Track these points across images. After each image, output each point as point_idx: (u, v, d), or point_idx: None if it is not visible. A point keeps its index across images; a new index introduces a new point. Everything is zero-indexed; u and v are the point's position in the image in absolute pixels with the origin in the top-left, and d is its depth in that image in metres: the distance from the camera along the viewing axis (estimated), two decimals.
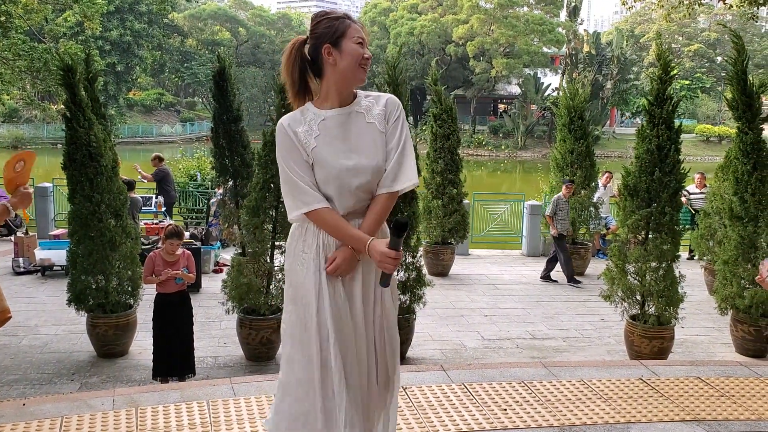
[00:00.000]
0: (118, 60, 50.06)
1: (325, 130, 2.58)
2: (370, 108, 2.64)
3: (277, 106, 7.10)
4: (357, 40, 2.56)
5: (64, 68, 6.88)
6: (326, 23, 2.56)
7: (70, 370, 6.72)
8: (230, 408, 3.54)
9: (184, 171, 15.26)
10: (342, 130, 2.59)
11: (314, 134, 2.57)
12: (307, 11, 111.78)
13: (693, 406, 3.75)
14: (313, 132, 2.57)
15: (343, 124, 2.60)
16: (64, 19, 33.52)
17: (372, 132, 2.61)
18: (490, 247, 14.27)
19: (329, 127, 2.59)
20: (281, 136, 2.62)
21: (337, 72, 2.56)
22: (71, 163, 6.89)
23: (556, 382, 4.03)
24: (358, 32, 2.57)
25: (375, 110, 2.63)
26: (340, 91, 2.60)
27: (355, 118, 2.62)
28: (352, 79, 2.58)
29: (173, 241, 6.18)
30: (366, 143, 2.59)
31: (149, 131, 56.03)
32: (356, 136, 2.60)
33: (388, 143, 2.62)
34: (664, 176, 6.85)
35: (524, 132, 53.16)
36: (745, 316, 7.42)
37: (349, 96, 2.63)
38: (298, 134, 2.58)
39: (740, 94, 7.44)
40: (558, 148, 12.22)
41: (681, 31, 69.27)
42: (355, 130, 2.60)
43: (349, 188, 2.56)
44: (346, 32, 2.55)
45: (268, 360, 7.09)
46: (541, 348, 7.76)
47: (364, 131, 2.61)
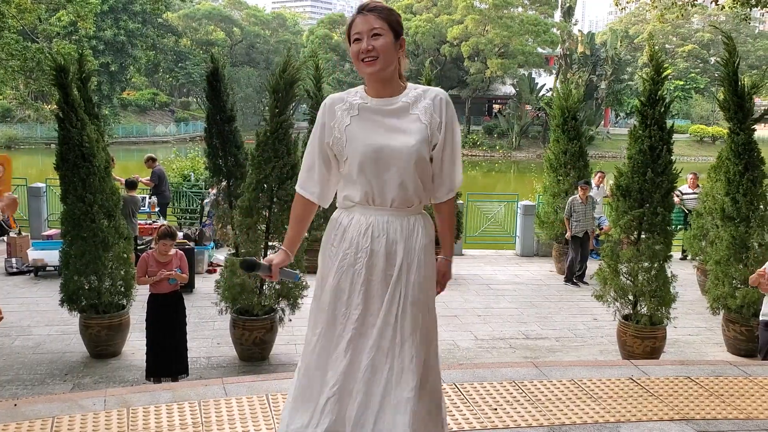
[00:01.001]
0: (112, 60, 49.91)
1: (364, 111, 2.61)
2: (417, 100, 2.62)
3: (271, 106, 7.12)
4: (354, 37, 2.57)
5: (57, 68, 6.87)
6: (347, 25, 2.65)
7: (63, 371, 6.72)
8: (222, 408, 3.55)
9: (177, 171, 15.23)
10: (381, 116, 2.60)
11: (352, 113, 2.60)
12: (302, 11, 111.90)
13: (682, 405, 3.77)
14: (352, 111, 2.61)
15: (383, 111, 2.61)
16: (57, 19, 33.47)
17: (412, 122, 2.59)
18: (483, 248, 14.29)
19: (369, 110, 2.61)
20: (320, 111, 2.70)
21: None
22: (64, 163, 6.88)
23: (546, 381, 4.04)
24: (357, 28, 2.57)
25: (421, 103, 2.61)
26: (373, 83, 2.62)
27: (399, 110, 2.61)
28: (363, 74, 2.60)
29: (166, 241, 6.18)
30: (402, 130, 2.58)
31: (143, 131, 55.89)
32: (394, 123, 2.59)
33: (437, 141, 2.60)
34: (657, 177, 6.88)
35: (519, 132, 53.23)
36: (736, 316, 7.46)
37: (391, 86, 2.62)
38: (335, 111, 2.63)
39: (731, 95, 7.48)
40: (551, 149, 12.25)
41: (675, 32, 69.46)
42: (395, 118, 2.60)
43: (376, 170, 2.54)
44: (350, 34, 2.60)
45: (261, 360, 7.10)
46: (534, 348, 7.78)
47: (404, 120, 2.59)
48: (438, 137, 2.61)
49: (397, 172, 2.54)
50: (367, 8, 2.58)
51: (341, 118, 2.60)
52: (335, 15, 73.65)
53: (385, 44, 2.53)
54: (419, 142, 2.56)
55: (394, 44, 2.57)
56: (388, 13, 2.58)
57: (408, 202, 2.59)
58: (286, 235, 2.84)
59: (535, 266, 12.34)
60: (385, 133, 2.57)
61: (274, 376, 4.19)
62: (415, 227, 2.61)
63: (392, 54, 2.56)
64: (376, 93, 2.63)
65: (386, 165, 2.54)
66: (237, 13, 67.85)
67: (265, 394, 3.71)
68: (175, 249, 6.36)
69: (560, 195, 11.78)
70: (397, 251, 2.57)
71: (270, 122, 7.03)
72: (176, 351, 6.25)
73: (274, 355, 7.22)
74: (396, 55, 2.58)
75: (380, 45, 2.53)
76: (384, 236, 2.57)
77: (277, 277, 2.70)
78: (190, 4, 64.79)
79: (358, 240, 2.58)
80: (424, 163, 2.59)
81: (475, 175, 42.89)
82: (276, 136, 6.97)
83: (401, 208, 2.59)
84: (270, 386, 3.82)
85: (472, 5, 52.16)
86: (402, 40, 2.61)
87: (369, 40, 2.52)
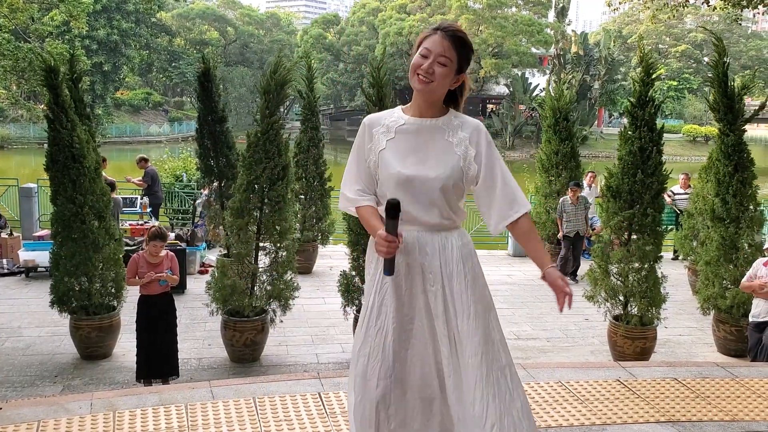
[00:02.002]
0: (105, 59, 49.75)
1: (401, 134, 2.61)
2: (456, 129, 2.62)
3: (261, 107, 7.12)
4: (423, 51, 2.55)
5: (47, 69, 6.85)
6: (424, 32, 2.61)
7: (53, 373, 6.70)
8: (208, 411, 3.54)
9: (170, 171, 15.20)
10: (417, 139, 2.60)
11: (389, 136, 2.60)
12: (296, 11, 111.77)
13: (668, 407, 3.78)
14: (389, 134, 2.61)
15: (421, 133, 2.60)
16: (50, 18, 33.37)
17: (447, 150, 2.60)
18: (476, 248, 14.24)
19: (406, 132, 2.61)
20: (360, 131, 2.70)
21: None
22: (54, 164, 6.87)
23: (534, 383, 4.05)
24: (429, 43, 2.54)
25: (459, 133, 2.61)
26: (418, 99, 2.61)
27: (434, 132, 2.61)
28: (413, 85, 2.58)
29: (156, 242, 6.16)
30: (435, 158, 2.58)
31: (137, 131, 55.76)
32: (429, 149, 2.59)
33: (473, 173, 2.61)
34: (647, 178, 6.90)
35: (512, 132, 53.31)
36: (726, 316, 7.48)
37: (433, 108, 2.62)
38: (374, 133, 2.64)
39: (721, 96, 7.50)
40: (543, 149, 12.27)
41: (668, 32, 69.62)
42: (432, 143, 2.60)
43: (405, 195, 2.54)
44: (421, 43, 2.57)
45: (252, 362, 7.09)
46: (525, 348, 7.79)
47: (439, 147, 2.60)
48: (474, 169, 2.62)
49: (427, 198, 2.57)
50: (449, 32, 2.56)
51: (378, 142, 2.62)
52: (329, 15, 73.69)
53: (444, 74, 2.54)
54: (450, 173, 2.57)
55: (453, 77, 2.58)
56: (463, 47, 2.58)
57: (437, 223, 2.61)
58: (537, 259, 2.70)
59: (527, 266, 12.34)
60: (418, 161, 2.58)
61: (261, 379, 4.18)
62: (449, 240, 2.62)
63: (446, 84, 2.57)
64: (417, 112, 2.64)
65: (416, 192, 2.56)
66: (231, 12, 67.73)
67: (252, 397, 3.71)
68: (165, 250, 6.34)
69: (552, 195, 11.82)
70: (432, 265, 2.58)
71: (261, 123, 7.03)
72: (166, 353, 6.23)
73: (265, 357, 7.22)
74: (448, 86, 2.59)
75: (440, 73, 2.53)
76: (416, 251, 2.58)
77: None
78: (184, 4, 64.67)
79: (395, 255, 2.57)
80: (452, 190, 2.60)
81: None
82: (267, 137, 6.97)
83: (432, 226, 2.61)
84: (257, 389, 3.82)
85: (466, 5, 52.24)
86: (463, 75, 2.62)
87: (433, 63, 2.52)
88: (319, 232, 11.16)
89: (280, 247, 7.13)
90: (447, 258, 2.60)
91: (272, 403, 3.65)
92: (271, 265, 7.11)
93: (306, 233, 10.93)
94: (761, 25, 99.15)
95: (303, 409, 3.64)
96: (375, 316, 2.61)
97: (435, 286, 2.58)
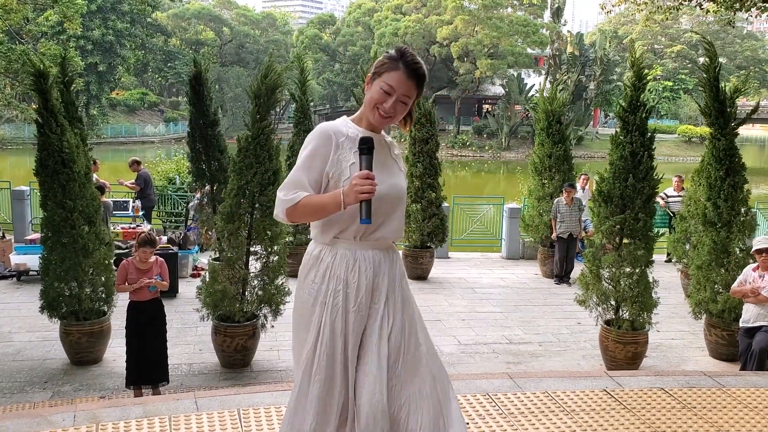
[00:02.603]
0: (100, 60, 49.61)
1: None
2: (391, 146, 2.75)
3: (252, 112, 7.10)
4: (386, 88, 2.55)
5: (36, 73, 6.81)
6: (383, 58, 2.62)
7: (43, 378, 6.67)
8: (192, 424, 3.52)
9: (162, 174, 15.15)
10: (378, 156, 2.61)
11: (355, 150, 2.56)
12: (292, 11, 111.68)
13: (654, 419, 3.77)
14: (354, 147, 2.56)
15: (379, 149, 2.62)
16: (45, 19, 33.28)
17: (396, 166, 2.73)
18: (470, 250, 14.30)
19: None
20: (323, 137, 2.60)
21: (365, 102, 2.63)
22: (43, 169, 6.84)
23: (520, 394, 4.04)
24: (393, 80, 2.54)
25: (395, 150, 2.76)
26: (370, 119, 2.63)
27: (384, 148, 2.69)
28: (371, 119, 2.61)
29: (146, 249, 6.11)
30: (395, 173, 2.70)
31: (132, 131, 55.66)
32: (387, 165, 2.68)
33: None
34: (638, 182, 6.90)
35: (508, 133, 53.34)
36: (718, 320, 7.49)
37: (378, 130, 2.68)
38: (340, 144, 2.59)
39: (713, 100, 7.50)
40: (536, 152, 12.27)
41: (664, 33, 69.76)
42: (385, 159, 2.68)
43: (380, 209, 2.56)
44: (384, 74, 2.57)
45: (243, 367, 7.07)
46: (517, 353, 7.78)
47: (391, 162, 2.71)
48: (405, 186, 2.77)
49: (398, 211, 2.65)
50: (412, 69, 2.57)
51: (346, 154, 2.57)
52: (325, 15, 73.62)
53: (403, 110, 2.63)
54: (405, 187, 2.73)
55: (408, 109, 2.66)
56: (423, 83, 2.63)
57: (395, 238, 2.69)
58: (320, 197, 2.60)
59: (520, 269, 12.35)
60: (387, 173, 2.63)
61: (247, 390, 4.17)
62: (395, 260, 2.71)
63: (401, 117, 2.65)
64: (369, 127, 2.66)
65: (391, 204, 2.61)
66: (227, 12, 67.59)
67: (236, 408, 3.69)
68: (155, 256, 6.30)
69: (545, 198, 11.82)
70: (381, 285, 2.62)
71: (251, 128, 7.00)
72: (156, 359, 6.18)
73: (256, 362, 7.19)
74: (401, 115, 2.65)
75: (400, 110, 2.61)
76: (371, 269, 2.59)
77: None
78: (180, 4, 64.54)
79: (346, 276, 2.58)
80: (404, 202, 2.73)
81: (464, 175, 42.95)
82: (257, 141, 6.95)
83: (385, 242, 2.65)
84: (242, 400, 3.80)
85: (461, 6, 52.20)
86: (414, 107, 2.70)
87: (396, 103, 2.57)
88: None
89: (271, 251, 7.11)
90: (393, 275, 2.67)
91: (257, 414, 3.63)
92: (263, 269, 7.09)
93: (299, 236, 10.92)
94: (756, 25, 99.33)
95: None
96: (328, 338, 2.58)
97: (378, 303, 2.61)
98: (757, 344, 6.25)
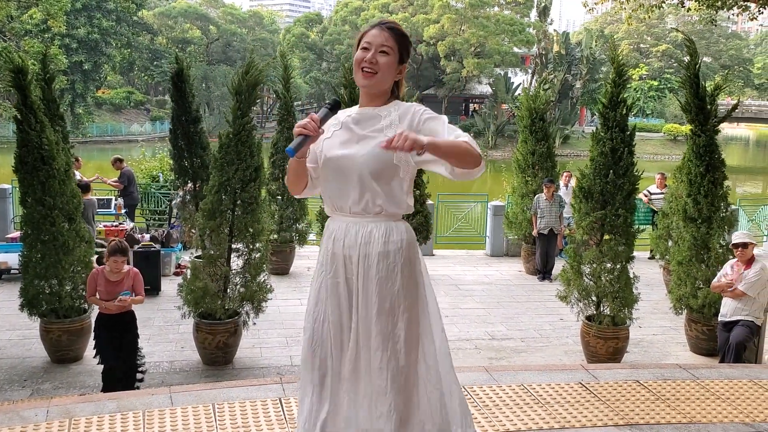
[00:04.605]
0: (85, 58, 49.20)
1: (346, 123, 2.66)
2: (391, 113, 2.64)
3: (233, 108, 7.08)
4: (363, 45, 2.61)
5: (15, 70, 6.76)
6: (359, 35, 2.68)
7: (22, 377, 6.63)
8: (166, 418, 3.50)
9: (146, 172, 15.08)
10: (359, 125, 2.64)
11: (336, 128, 2.65)
12: (279, 9, 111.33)
13: (628, 410, 3.79)
14: (337, 125, 2.65)
15: (363, 121, 2.64)
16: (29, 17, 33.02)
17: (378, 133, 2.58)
18: (454, 248, 14.32)
19: (351, 120, 2.66)
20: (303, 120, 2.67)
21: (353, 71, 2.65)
22: (23, 166, 6.80)
23: (496, 387, 4.05)
24: (369, 37, 2.61)
25: (392, 114, 2.62)
26: (364, 94, 2.67)
27: (372, 119, 2.64)
28: (357, 82, 2.64)
29: (117, 258, 5.78)
30: (365, 141, 2.59)
31: (118, 130, 55.31)
32: (366, 132, 2.62)
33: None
34: (618, 179, 6.94)
35: (495, 131, 53.45)
36: (698, 315, 7.54)
37: (378, 99, 2.66)
38: (327, 126, 2.66)
39: (693, 97, 7.56)
40: (520, 150, 12.31)
41: (649, 32, 70.05)
42: (369, 127, 2.63)
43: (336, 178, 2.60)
44: (360, 40, 2.63)
45: (225, 364, 7.05)
46: (499, 349, 7.81)
47: (377, 129, 2.61)
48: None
49: (355, 181, 2.57)
50: (386, 24, 2.65)
51: (327, 130, 2.65)
52: (312, 14, 73.46)
53: (388, 63, 2.59)
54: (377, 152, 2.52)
55: (396, 66, 2.64)
56: (402, 37, 2.65)
57: (366, 210, 2.60)
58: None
59: (504, 266, 12.38)
60: (351, 145, 2.61)
61: (222, 384, 4.16)
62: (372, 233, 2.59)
63: (391, 74, 2.62)
64: (366, 103, 2.69)
65: (344, 175, 2.59)
66: (213, 11, 67.31)
67: (211, 403, 3.68)
68: (129, 266, 6.00)
69: (528, 195, 11.85)
70: (352, 256, 2.60)
71: (233, 124, 6.98)
72: (126, 373, 5.95)
73: (238, 359, 7.18)
74: (393, 77, 2.64)
75: (383, 62, 2.58)
76: (341, 241, 2.62)
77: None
78: (166, 2, 64.22)
79: (326, 244, 2.68)
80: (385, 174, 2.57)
81: None
82: (239, 138, 6.93)
83: (360, 214, 2.61)
84: (217, 395, 3.79)
85: (448, 5, 52.27)
86: (404, 66, 2.68)
87: (376, 54, 2.58)
88: (297, 233, 11.12)
89: (253, 248, 7.09)
90: (367, 252, 2.60)
91: (231, 409, 3.62)
92: (244, 266, 7.07)
93: (283, 234, 10.89)
94: (740, 25, 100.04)
95: (262, 415, 3.62)
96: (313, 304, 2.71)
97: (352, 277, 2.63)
98: (734, 338, 6.31)
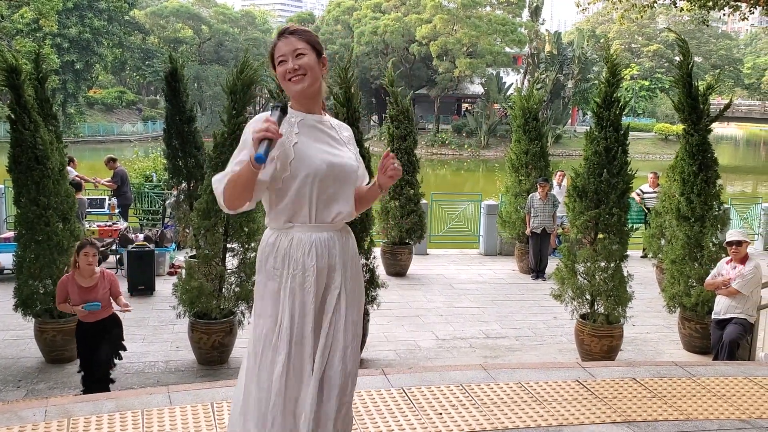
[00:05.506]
0: (77, 58, 49.06)
1: (305, 128, 2.65)
2: (339, 128, 2.76)
3: (228, 108, 7.07)
4: (279, 60, 2.63)
5: (8, 69, 6.73)
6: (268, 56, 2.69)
7: (17, 377, 6.60)
8: (164, 417, 3.50)
9: (139, 172, 15.05)
10: (320, 132, 2.67)
11: (295, 131, 2.62)
12: (271, 9, 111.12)
13: (625, 408, 3.82)
14: (294, 129, 2.62)
15: (320, 128, 2.68)
16: (20, 16, 32.91)
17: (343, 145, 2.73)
18: (448, 247, 14.34)
19: (309, 126, 2.66)
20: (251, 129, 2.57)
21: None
22: (16, 165, 6.77)
23: (494, 385, 4.07)
24: (280, 51, 2.62)
25: (343, 132, 2.77)
26: (300, 99, 2.67)
27: (327, 128, 2.71)
28: (291, 93, 2.65)
29: (87, 250, 5.54)
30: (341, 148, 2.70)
31: (110, 130, 55.15)
32: (334, 142, 2.70)
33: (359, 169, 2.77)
34: (612, 177, 6.97)
35: (487, 131, 53.51)
36: (691, 314, 7.58)
37: (316, 105, 2.72)
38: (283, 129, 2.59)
39: (685, 96, 7.59)
40: (513, 149, 12.34)
41: (641, 32, 70.34)
42: (332, 137, 2.70)
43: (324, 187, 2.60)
44: (273, 57, 2.65)
45: (220, 364, 7.04)
46: (494, 347, 7.83)
47: (340, 142, 2.72)
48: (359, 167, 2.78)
49: (343, 188, 2.66)
50: (287, 32, 2.67)
51: (287, 136, 2.59)
52: (304, 13, 73.50)
53: (309, 62, 2.62)
54: (357, 164, 2.74)
55: (318, 62, 2.66)
56: (308, 35, 2.69)
57: (347, 217, 2.71)
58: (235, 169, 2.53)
59: (498, 265, 12.41)
60: (332, 150, 2.66)
61: (220, 384, 4.16)
62: (348, 240, 2.74)
63: (317, 71, 2.65)
64: (307, 109, 2.70)
65: (335, 181, 2.63)
66: (205, 10, 67.20)
67: (210, 402, 3.68)
68: (101, 268, 5.81)
69: (522, 195, 11.89)
70: (336, 265, 2.65)
71: (227, 124, 6.97)
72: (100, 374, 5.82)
73: (233, 359, 7.17)
74: (320, 72, 2.67)
75: (305, 63, 2.61)
76: (326, 253, 2.63)
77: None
78: (158, 2, 64.04)
79: (303, 260, 2.60)
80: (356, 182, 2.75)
81: (443, 173, 43.07)
82: (234, 137, 6.91)
83: (339, 223, 2.69)
84: (216, 394, 3.79)
85: (440, 5, 52.24)
86: (324, 58, 2.70)
87: (294, 60, 2.60)
88: None
89: (248, 248, 7.08)
90: (347, 256, 2.71)
91: (230, 408, 3.61)
92: (240, 266, 7.06)
93: None
94: (731, 25, 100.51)
95: None
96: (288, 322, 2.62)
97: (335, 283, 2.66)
98: (727, 336, 6.35)
